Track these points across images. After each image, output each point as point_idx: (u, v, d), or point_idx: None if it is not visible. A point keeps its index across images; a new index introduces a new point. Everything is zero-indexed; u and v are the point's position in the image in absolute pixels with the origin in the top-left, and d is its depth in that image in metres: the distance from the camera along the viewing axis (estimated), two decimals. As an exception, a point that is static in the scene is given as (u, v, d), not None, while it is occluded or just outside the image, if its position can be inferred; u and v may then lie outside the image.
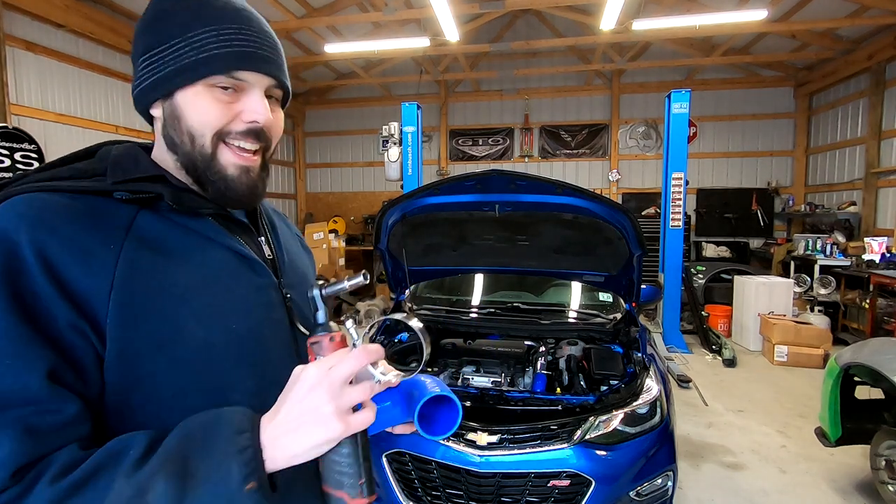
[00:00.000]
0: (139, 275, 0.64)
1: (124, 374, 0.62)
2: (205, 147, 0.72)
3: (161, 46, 0.70)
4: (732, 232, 9.15)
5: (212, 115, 0.71)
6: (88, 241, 0.62)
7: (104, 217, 0.66)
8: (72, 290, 0.59)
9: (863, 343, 2.94)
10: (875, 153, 7.07)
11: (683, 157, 6.04)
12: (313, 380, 0.58)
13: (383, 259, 3.09)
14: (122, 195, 0.68)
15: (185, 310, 0.66)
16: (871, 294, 5.64)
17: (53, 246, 0.60)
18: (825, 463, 3.34)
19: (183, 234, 0.71)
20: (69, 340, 0.59)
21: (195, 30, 0.69)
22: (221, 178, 0.73)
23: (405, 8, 6.86)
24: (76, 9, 5.50)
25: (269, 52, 0.74)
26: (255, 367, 0.73)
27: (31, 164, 5.02)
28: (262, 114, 0.72)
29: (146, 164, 0.73)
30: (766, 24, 6.76)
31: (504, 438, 2.07)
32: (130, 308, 0.62)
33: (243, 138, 0.73)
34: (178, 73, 0.69)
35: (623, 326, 2.89)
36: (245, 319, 0.73)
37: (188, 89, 0.70)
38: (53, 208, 0.63)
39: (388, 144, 6.47)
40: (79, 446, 0.57)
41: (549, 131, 9.81)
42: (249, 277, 0.76)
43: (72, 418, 0.57)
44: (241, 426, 0.57)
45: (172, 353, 0.65)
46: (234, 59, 0.70)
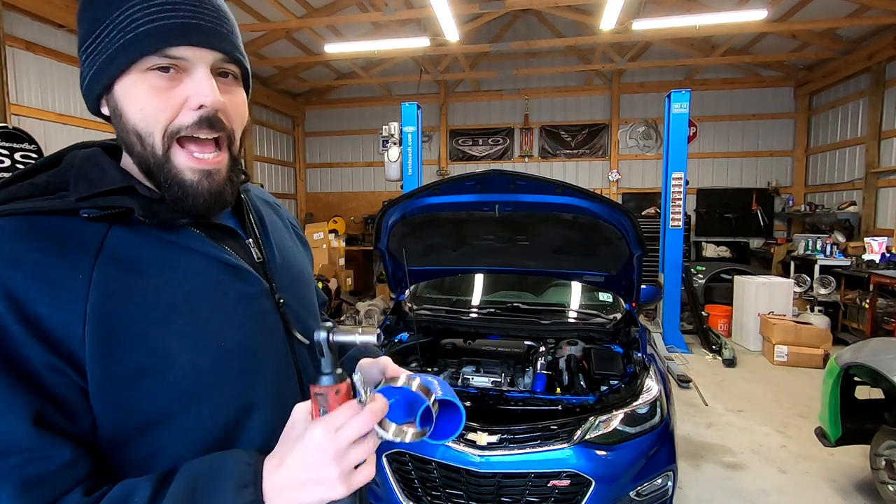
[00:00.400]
0: (114, 301, 0.59)
1: (110, 404, 0.59)
2: (155, 147, 0.63)
3: (93, 34, 0.62)
4: (732, 232, 9.15)
5: (152, 107, 0.62)
6: (55, 270, 0.57)
7: (70, 240, 0.59)
8: (43, 329, 0.55)
9: (863, 343, 2.94)
10: (875, 153, 7.07)
11: (683, 157, 6.04)
12: (319, 445, 0.55)
13: (383, 259, 3.09)
14: (89, 213, 0.61)
15: (168, 332, 0.61)
16: (871, 294, 5.64)
17: (18, 281, 0.55)
18: (825, 463, 3.34)
19: (160, 248, 0.65)
20: (49, 381, 0.56)
21: (121, 7, 0.60)
22: (178, 184, 0.64)
23: (405, 8, 6.86)
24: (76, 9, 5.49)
25: (210, 23, 0.63)
26: (250, 383, 0.68)
27: (31, 164, 5.02)
28: (208, 95, 0.63)
29: (112, 173, 0.65)
30: (766, 24, 6.76)
31: (504, 438, 2.07)
32: (107, 339, 0.57)
33: (196, 130, 0.63)
34: (110, 60, 0.61)
35: (623, 326, 2.89)
36: (235, 334, 0.67)
37: (124, 78, 0.62)
38: (14, 237, 0.57)
39: (388, 144, 6.47)
40: (82, 491, 0.55)
41: (549, 131, 9.81)
42: (237, 287, 0.70)
43: (67, 462, 0.55)
44: (244, 479, 0.56)
45: (157, 380, 0.60)
46: (165, 33, 0.60)
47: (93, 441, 0.59)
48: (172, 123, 0.63)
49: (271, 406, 0.69)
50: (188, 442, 0.63)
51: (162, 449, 0.62)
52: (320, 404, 0.60)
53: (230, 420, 0.66)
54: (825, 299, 6.50)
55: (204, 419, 0.64)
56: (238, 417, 0.67)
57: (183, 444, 0.63)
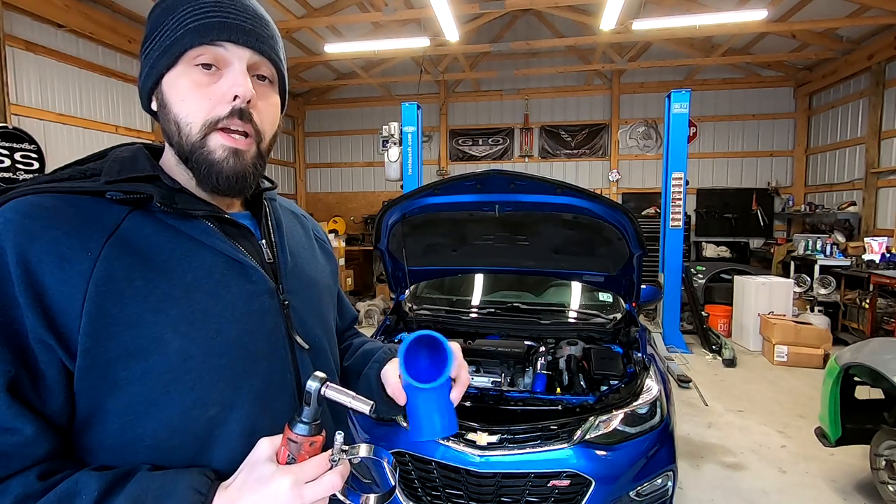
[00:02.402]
0: (115, 282, 0.61)
1: (97, 380, 0.60)
2: (191, 135, 0.68)
3: (153, 34, 0.69)
4: (732, 232, 9.15)
5: (193, 99, 0.68)
6: (67, 246, 0.60)
7: (91, 219, 0.63)
8: (46, 301, 0.58)
9: (863, 343, 2.94)
10: (875, 153, 7.07)
11: (683, 157, 6.04)
12: (282, 495, 0.56)
13: (383, 259, 3.09)
14: (114, 195, 0.66)
15: (162, 318, 0.63)
16: (871, 294, 5.64)
17: (34, 254, 0.58)
18: (825, 463, 3.34)
19: (172, 237, 0.68)
20: (34, 355, 0.58)
21: (176, 9, 0.68)
22: (207, 162, 0.69)
23: (405, 8, 6.86)
24: (76, 9, 5.49)
25: (249, 24, 0.70)
26: (239, 380, 0.69)
27: (31, 164, 5.01)
28: (241, 86, 0.68)
29: (143, 163, 0.71)
30: (766, 24, 6.76)
31: (504, 438, 2.07)
32: (103, 317, 0.60)
33: (229, 121, 0.69)
34: (161, 55, 0.68)
35: (623, 326, 2.89)
36: (231, 328, 0.68)
37: (171, 72, 0.68)
38: (39, 212, 0.61)
39: (388, 144, 6.47)
40: (37, 473, 0.56)
41: (549, 131, 9.81)
42: (240, 283, 0.71)
43: (29, 439, 0.56)
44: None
45: (146, 363, 0.62)
46: (208, 29, 0.67)
47: (59, 424, 0.61)
48: (210, 115, 0.68)
49: (258, 407, 0.70)
50: (167, 431, 0.63)
51: (139, 437, 0.62)
52: (291, 450, 0.59)
53: (212, 415, 0.66)
54: (825, 299, 6.49)
55: (186, 409, 0.64)
56: (221, 413, 0.67)
57: (162, 433, 0.63)
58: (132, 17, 6.35)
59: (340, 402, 0.62)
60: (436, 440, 1.99)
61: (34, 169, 5.05)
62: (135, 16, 6.37)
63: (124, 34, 6.14)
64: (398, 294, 3.30)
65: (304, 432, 0.59)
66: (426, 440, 0.77)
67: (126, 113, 6.50)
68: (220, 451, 0.66)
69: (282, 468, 0.58)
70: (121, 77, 6.40)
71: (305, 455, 0.60)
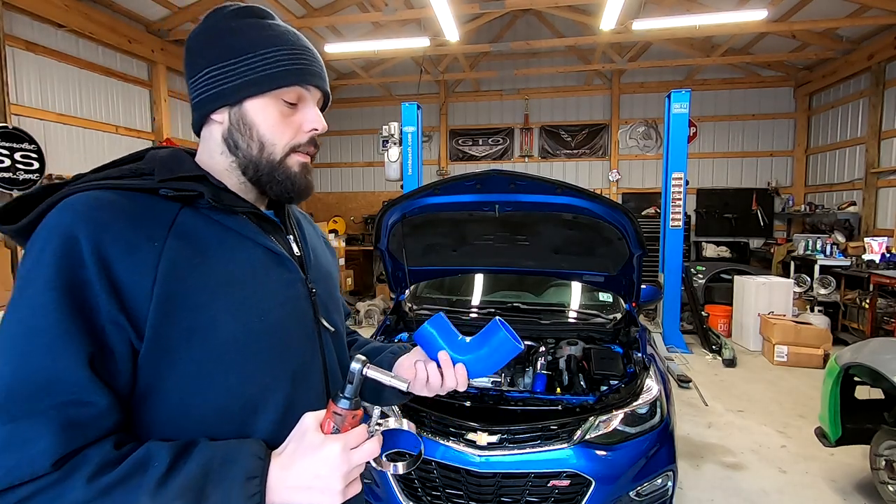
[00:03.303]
0: (178, 270, 0.69)
1: (160, 357, 0.68)
2: (273, 155, 0.81)
3: (231, 59, 0.77)
4: (732, 232, 9.15)
5: (280, 127, 0.80)
6: (135, 237, 0.68)
7: (150, 214, 0.71)
8: (118, 286, 0.65)
9: (863, 343, 2.94)
10: (875, 153, 7.07)
11: (683, 157, 6.04)
12: (335, 461, 0.65)
13: (383, 259, 3.09)
14: (167, 192, 0.74)
15: (219, 303, 0.72)
16: (871, 294, 5.64)
17: (106, 243, 0.65)
18: (825, 463, 3.34)
19: (220, 231, 0.76)
20: (108, 334, 0.65)
21: (267, 47, 0.78)
22: (288, 178, 0.82)
23: (405, 8, 6.86)
24: (76, 9, 5.49)
25: (320, 69, 0.84)
26: (280, 358, 0.78)
27: (31, 164, 5.01)
28: (319, 122, 0.83)
29: (189, 164, 0.80)
30: (766, 24, 6.76)
31: (504, 438, 2.07)
32: (169, 301, 0.67)
33: (307, 147, 0.83)
34: (253, 83, 0.77)
35: (623, 326, 2.89)
36: (274, 313, 0.78)
37: (258, 99, 0.78)
38: (106, 206, 0.68)
39: (388, 144, 6.46)
40: (111, 443, 0.63)
41: (549, 131, 9.81)
42: (279, 273, 0.81)
43: (104, 410, 0.63)
44: (254, 471, 0.64)
45: (204, 343, 0.70)
46: (302, 74, 0.80)
47: (125, 397, 0.68)
48: (293, 140, 0.82)
49: (294, 383, 0.80)
50: (217, 405, 0.72)
51: (193, 410, 0.71)
52: (336, 422, 0.68)
53: (256, 390, 0.75)
54: (825, 299, 6.50)
55: (235, 385, 0.73)
56: (264, 389, 0.76)
57: (213, 407, 0.72)
58: (132, 17, 6.35)
59: (380, 381, 0.72)
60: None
61: (34, 169, 5.05)
62: (135, 16, 6.37)
63: (124, 34, 6.14)
64: (398, 294, 3.30)
65: (347, 406, 0.68)
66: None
67: (126, 113, 6.50)
68: (263, 423, 0.75)
69: (330, 436, 0.67)
70: (121, 77, 6.40)
71: (348, 426, 0.69)
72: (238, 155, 0.81)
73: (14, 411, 0.59)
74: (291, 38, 0.81)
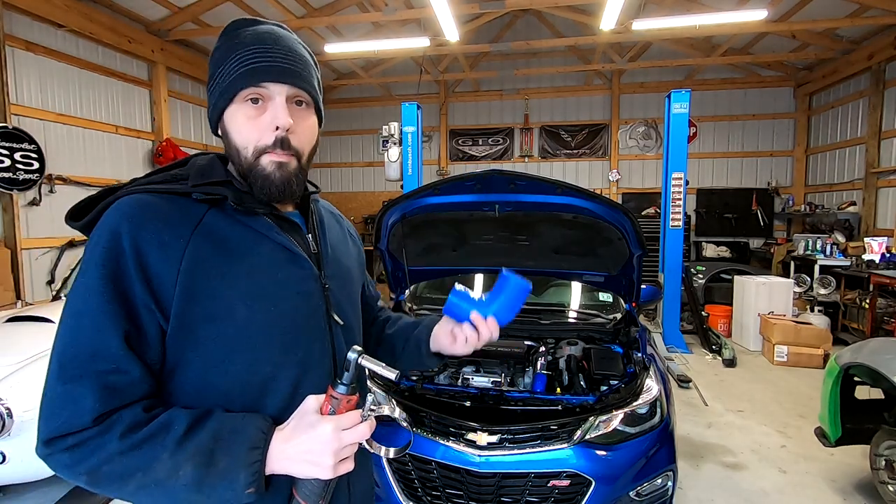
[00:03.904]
0: (200, 262, 0.79)
1: (183, 338, 0.79)
2: (248, 158, 0.86)
3: (213, 78, 0.88)
4: (732, 232, 9.15)
5: (246, 130, 0.85)
6: (166, 235, 0.79)
7: (181, 214, 0.82)
8: (150, 276, 0.76)
9: (863, 343, 2.94)
10: (875, 153, 7.07)
11: (683, 157, 6.04)
12: (326, 438, 0.73)
13: (383, 259, 3.09)
14: (197, 195, 0.84)
15: (234, 292, 0.81)
16: (871, 294, 5.64)
17: (143, 239, 0.77)
18: (825, 463, 3.34)
19: (241, 230, 0.86)
20: (141, 315, 0.76)
21: (231, 55, 0.85)
22: (261, 176, 0.86)
23: (405, 8, 6.86)
24: (76, 9, 5.49)
25: (287, 64, 0.86)
26: (289, 346, 0.86)
27: (31, 164, 5.01)
28: (281, 118, 0.84)
29: (219, 171, 0.89)
30: (766, 24, 6.76)
31: (504, 438, 2.07)
32: (191, 287, 0.78)
33: (273, 149, 0.86)
34: (220, 95, 0.86)
35: (623, 326, 2.89)
36: (284, 303, 0.86)
37: (229, 108, 0.86)
38: (146, 207, 0.80)
39: (388, 144, 6.46)
40: (141, 406, 0.75)
41: (549, 131, 9.81)
42: (292, 269, 0.89)
43: (136, 379, 0.75)
44: (257, 442, 0.74)
45: (221, 326, 0.80)
46: (255, 73, 0.84)
47: (155, 370, 0.79)
48: (259, 143, 0.86)
49: (302, 369, 0.88)
50: (233, 382, 0.82)
51: (212, 385, 0.81)
52: (332, 405, 0.77)
53: (267, 372, 0.84)
54: (825, 299, 6.50)
55: (248, 366, 0.82)
56: (274, 371, 0.84)
57: (229, 383, 0.82)
58: (132, 17, 6.35)
59: (372, 369, 0.79)
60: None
61: (34, 169, 5.05)
62: (135, 16, 6.37)
63: (124, 34, 6.14)
64: (398, 294, 3.30)
65: (344, 391, 0.77)
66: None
67: (126, 113, 6.49)
68: (272, 400, 0.84)
69: (325, 417, 0.75)
70: (121, 77, 6.40)
71: (343, 410, 0.76)
72: (233, 163, 0.89)
73: (68, 374, 0.72)
74: (250, 40, 0.85)
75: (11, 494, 2.90)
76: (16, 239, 5.00)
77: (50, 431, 0.71)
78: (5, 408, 2.48)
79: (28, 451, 2.48)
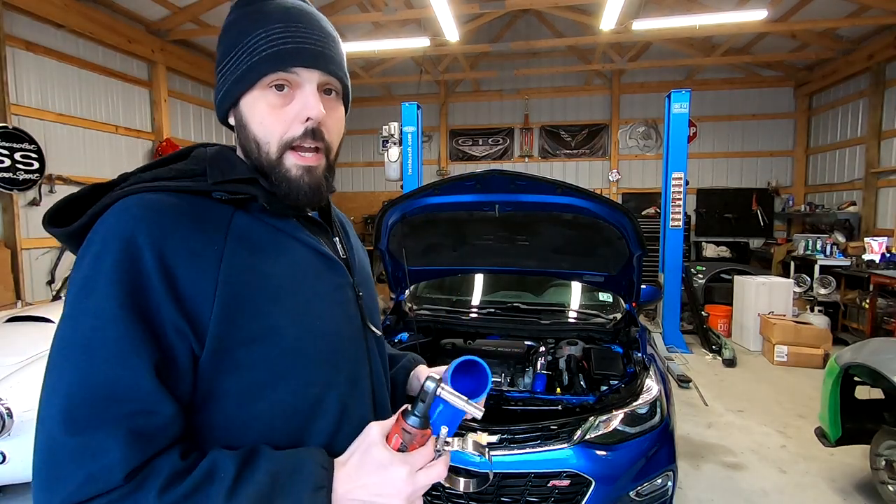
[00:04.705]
0: (239, 274, 0.67)
1: (220, 364, 0.66)
2: (270, 154, 0.74)
3: (227, 57, 0.74)
4: (732, 232, 9.15)
5: (270, 121, 0.73)
6: (196, 242, 0.66)
7: (207, 217, 0.69)
8: (181, 292, 0.63)
9: (863, 343, 2.94)
10: (875, 153, 7.07)
11: (683, 157, 6.04)
12: (401, 483, 0.65)
13: (383, 259, 3.09)
14: (221, 195, 0.71)
15: (278, 308, 0.69)
16: (871, 294, 5.64)
17: (169, 248, 0.63)
18: (825, 463, 3.34)
19: (273, 234, 0.74)
20: (171, 341, 0.63)
21: (249, 35, 0.72)
22: (286, 180, 0.74)
23: (405, 8, 6.86)
24: (76, 9, 5.49)
25: (318, 47, 0.74)
26: (335, 362, 0.76)
27: (31, 164, 5.01)
28: (313, 108, 0.73)
29: (241, 166, 0.76)
30: (766, 24, 6.76)
31: (504, 438, 2.07)
32: (231, 306, 0.65)
33: (303, 140, 0.74)
34: (238, 80, 0.73)
35: (623, 326, 2.89)
36: (327, 318, 0.76)
37: (248, 95, 0.73)
38: (166, 209, 0.66)
39: (388, 144, 6.46)
40: (177, 452, 0.62)
41: (549, 131, 9.81)
42: (330, 276, 0.78)
43: (170, 419, 0.61)
44: (321, 481, 0.64)
45: (265, 348, 0.68)
46: (282, 56, 0.71)
47: (184, 404, 0.65)
48: (286, 135, 0.73)
49: (349, 386, 0.78)
50: (278, 410, 0.69)
51: (254, 416, 0.68)
52: (404, 439, 0.67)
53: (315, 394, 0.73)
54: (825, 299, 6.49)
55: (295, 389, 0.71)
56: (322, 392, 0.73)
57: (273, 412, 0.69)
58: (132, 17, 6.35)
59: (454, 405, 0.69)
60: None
61: (34, 169, 5.05)
62: (134, 16, 6.37)
63: (124, 34, 6.14)
64: (398, 294, 3.30)
65: (417, 425, 0.66)
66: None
67: (126, 113, 6.49)
68: (320, 426, 0.73)
69: (397, 456, 0.66)
70: (121, 77, 6.40)
71: (416, 445, 0.67)
72: (249, 158, 0.77)
73: (83, 422, 0.57)
74: (277, 16, 0.73)
75: (11, 494, 2.90)
76: (16, 239, 5.00)
77: (65, 498, 0.56)
78: (5, 408, 2.48)
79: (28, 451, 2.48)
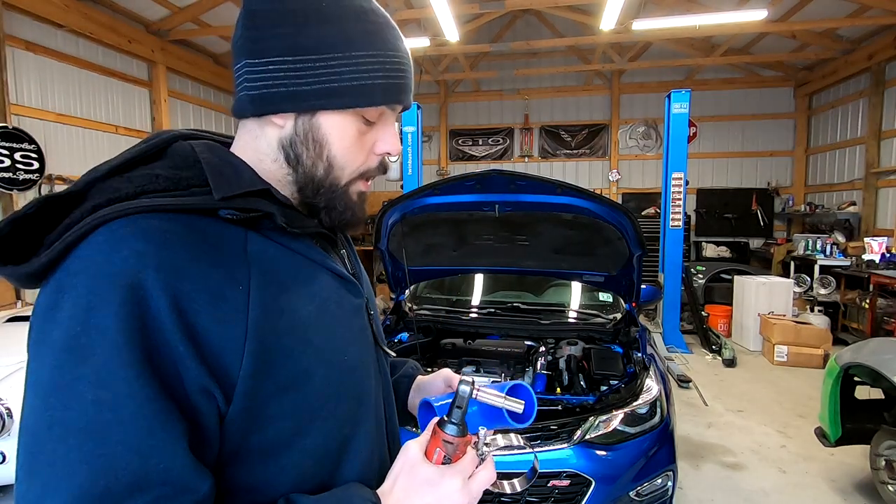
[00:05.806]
0: (269, 315, 0.57)
1: (248, 422, 0.56)
2: (339, 180, 0.67)
3: (316, 55, 0.60)
4: (732, 232, 9.15)
5: (355, 148, 0.66)
6: (217, 281, 0.54)
7: (220, 246, 0.57)
8: (205, 347, 0.52)
9: (863, 343, 2.94)
10: (875, 153, 7.07)
11: (683, 157, 6.04)
12: (456, 496, 0.60)
13: (383, 259, 3.09)
14: (231, 213, 0.58)
15: (309, 349, 0.61)
16: (871, 294, 5.64)
17: (185, 293, 0.51)
18: (825, 463, 3.34)
19: (290, 259, 0.63)
20: (197, 406, 0.52)
21: (361, 50, 0.62)
22: (346, 203, 0.69)
23: (405, 8, 6.86)
24: (76, 9, 5.49)
25: (412, 81, 0.69)
26: (362, 396, 0.70)
27: (31, 164, 5.01)
28: (395, 146, 0.69)
29: (248, 173, 0.63)
30: (766, 24, 6.76)
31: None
32: (263, 354, 0.55)
33: (375, 172, 0.71)
34: (337, 93, 0.62)
35: (623, 326, 2.89)
36: (353, 348, 0.68)
37: (335, 115, 0.63)
38: (173, 240, 0.53)
39: (388, 144, 6.46)
40: None
41: (549, 131, 9.81)
42: (349, 300, 0.70)
43: (203, 497, 0.51)
44: None
45: (296, 396, 0.59)
46: (393, 92, 0.65)
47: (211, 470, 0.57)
48: (363, 166, 0.68)
49: (375, 418, 0.72)
50: (308, 458, 0.62)
51: (282, 469, 0.60)
52: (447, 451, 0.62)
53: (346, 433, 0.66)
54: (825, 299, 6.49)
55: (327, 433, 0.63)
56: (352, 430, 0.67)
57: (303, 461, 0.62)
58: (132, 17, 6.35)
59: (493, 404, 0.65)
60: None
61: (34, 169, 5.05)
62: (134, 16, 6.37)
63: (124, 34, 6.14)
64: (398, 294, 3.30)
65: (455, 432, 0.62)
66: None
67: (126, 113, 6.49)
68: (351, 465, 0.66)
69: (446, 469, 0.61)
70: (121, 77, 6.40)
71: (460, 454, 0.62)
72: (298, 171, 0.66)
73: None
74: (391, 40, 0.64)
75: (11, 494, 2.91)
76: (16, 239, 5.00)
77: None
78: (5, 408, 2.48)
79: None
